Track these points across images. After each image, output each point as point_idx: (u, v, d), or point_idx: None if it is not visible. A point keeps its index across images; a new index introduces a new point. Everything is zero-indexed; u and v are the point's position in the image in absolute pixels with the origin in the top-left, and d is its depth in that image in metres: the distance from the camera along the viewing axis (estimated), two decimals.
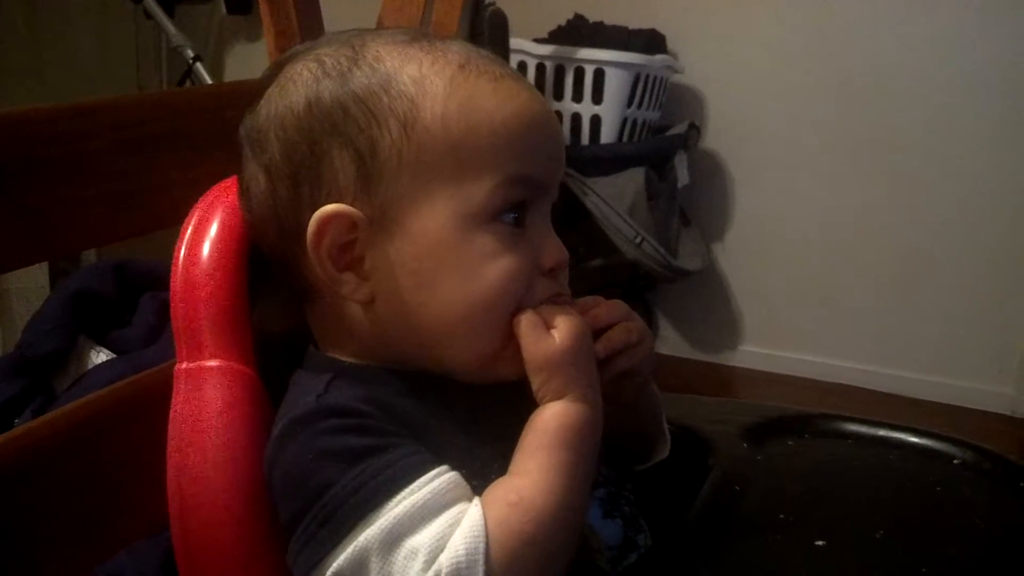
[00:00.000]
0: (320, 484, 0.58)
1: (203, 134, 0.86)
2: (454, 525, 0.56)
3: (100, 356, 1.35)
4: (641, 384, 0.72)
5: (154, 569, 1.11)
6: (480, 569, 0.55)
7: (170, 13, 2.70)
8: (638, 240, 2.30)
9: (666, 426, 0.77)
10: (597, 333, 0.67)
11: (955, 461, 0.76)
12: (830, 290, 2.57)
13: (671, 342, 2.78)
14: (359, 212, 0.64)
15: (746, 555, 0.64)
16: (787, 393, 2.48)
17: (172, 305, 0.70)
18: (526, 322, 0.64)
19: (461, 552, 0.55)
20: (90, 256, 2.12)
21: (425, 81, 0.65)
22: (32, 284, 2.15)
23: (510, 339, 0.64)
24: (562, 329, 0.64)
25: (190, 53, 2.61)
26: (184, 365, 0.68)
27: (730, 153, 2.64)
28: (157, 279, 1.43)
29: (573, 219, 2.36)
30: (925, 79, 2.38)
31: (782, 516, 0.67)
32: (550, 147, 0.68)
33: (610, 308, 0.70)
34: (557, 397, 0.62)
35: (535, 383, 0.63)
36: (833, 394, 2.48)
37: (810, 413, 0.82)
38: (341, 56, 0.67)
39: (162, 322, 1.36)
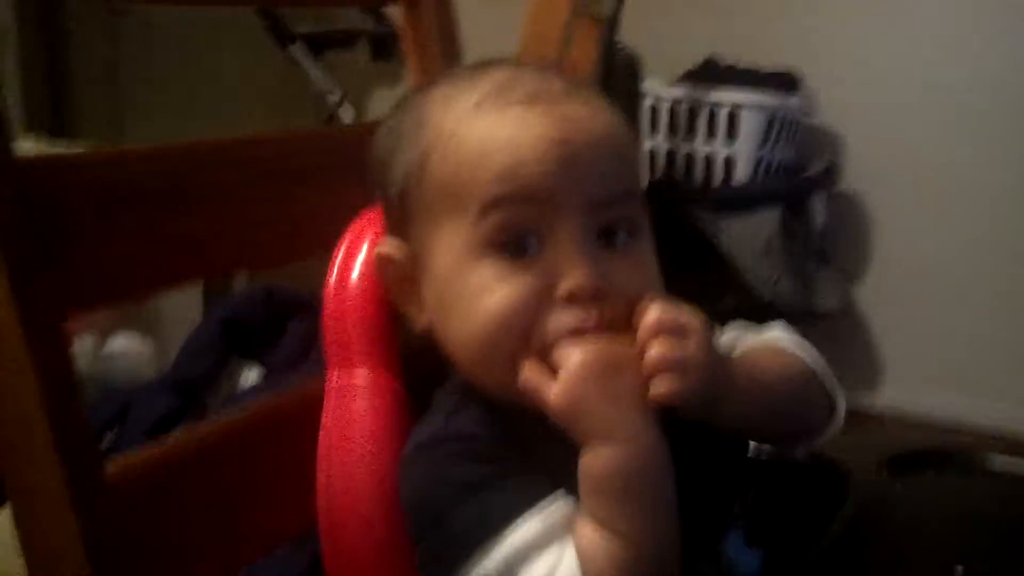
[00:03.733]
0: (439, 512, 0.61)
1: (346, 169, 0.90)
2: (556, 567, 0.57)
3: (252, 373, 1.41)
4: (700, 405, 0.61)
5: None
6: None
7: (316, 59, 2.81)
8: (774, 280, 2.27)
9: (830, 388, 0.71)
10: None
11: None
12: (975, 332, 2.48)
13: None
14: (401, 251, 0.68)
15: None
16: (927, 437, 2.39)
17: (323, 322, 0.74)
18: (523, 378, 0.60)
19: None
20: (241, 280, 2.21)
21: (442, 124, 0.65)
22: (186, 314, 2.24)
23: None
24: (561, 377, 0.58)
25: (334, 98, 2.71)
26: (335, 380, 0.72)
27: (870, 194, 2.58)
28: (305, 306, 1.49)
29: (705, 259, 2.35)
30: None
31: (920, 546, 0.66)
32: (554, 157, 0.61)
33: (648, 329, 0.60)
34: (585, 443, 0.58)
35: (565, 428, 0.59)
36: (976, 438, 2.39)
37: (953, 447, 0.81)
38: (411, 100, 0.70)
39: (308, 347, 1.41)
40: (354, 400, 0.70)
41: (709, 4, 2.60)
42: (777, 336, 0.74)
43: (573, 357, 0.59)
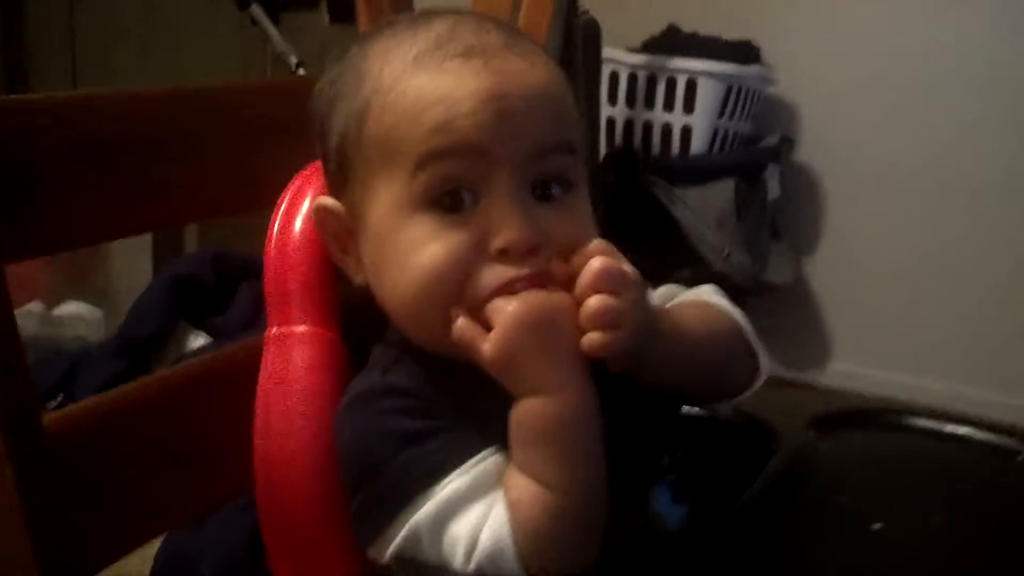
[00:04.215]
0: (374, 464, 0.62)
1: (305, 120, 0.90)
2: (486, 517, 0.59)
3: (198, 340, 1.41)
4: (629, 358, 0.62)
5: (242, 545, 1.16)
6: (510, 558, 0.57)
7: (275, 20, 2.79)
8: (726, 252, 2.29)
9: (754, 346, 0.72)
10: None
11: (1020, 457, 0.76)
12: (924, 309, 2.52)
13: None
14: (340, 205, 0.69)
15: (801, 534, 0.65)
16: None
17: (265, 275, 0.74)
18: (457, 332, 0.61)
19: (489, 547, 0.58)
20: (192, 246, 2.21)
21: (380, 78, 0.65)
22: (136, 281, 2.23)
23: None
24: (494, 331, 0.59)
25: (293, 59, 2.69)
26: (274, 330, 0.72)
27: (824, 167, 2.60)
28: (255, 268, 1.49)
29: (660, 229, 2.36)
30: None
31: (842, 500, 0.69)
32: (488, 111, 0.61)
33: (589, 279, 0.60)
34: (518, 395, 0.60)
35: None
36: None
37: (878, 407, 0.83)
38: (352, 53, 0.70)
39: (258, 309, 1.42)
40: (293, 351, 0.71)
41: None
42: (706, 295, 0.75)
43: (506, 310, 0.59)
